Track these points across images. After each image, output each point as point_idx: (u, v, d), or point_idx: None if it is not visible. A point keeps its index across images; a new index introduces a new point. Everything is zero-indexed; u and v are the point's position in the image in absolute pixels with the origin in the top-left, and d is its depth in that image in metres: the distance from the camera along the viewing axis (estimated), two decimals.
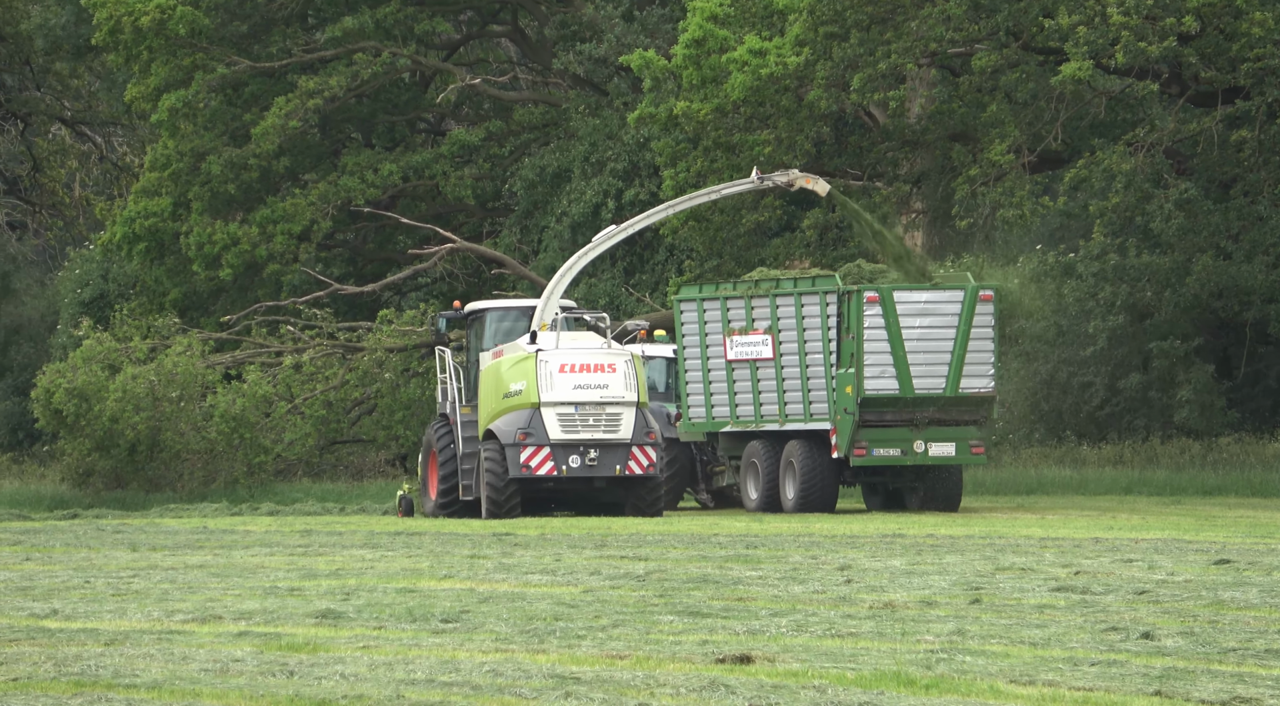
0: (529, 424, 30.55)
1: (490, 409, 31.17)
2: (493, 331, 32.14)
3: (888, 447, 32.00)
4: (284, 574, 20.37)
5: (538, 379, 30.60)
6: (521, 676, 12.82)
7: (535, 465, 30.54)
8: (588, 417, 30.73)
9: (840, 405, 32.02)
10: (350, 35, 48.02)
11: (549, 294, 31.77)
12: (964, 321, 32.22)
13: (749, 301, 33.09)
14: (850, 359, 31.89)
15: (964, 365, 32.15)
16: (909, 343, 31.97)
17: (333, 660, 13.63)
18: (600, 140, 47.17)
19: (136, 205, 48.62)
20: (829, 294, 32.26)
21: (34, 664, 13.73)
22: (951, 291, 32.44)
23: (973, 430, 32.44)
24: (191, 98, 47.18)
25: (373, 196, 48.25)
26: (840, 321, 32.06)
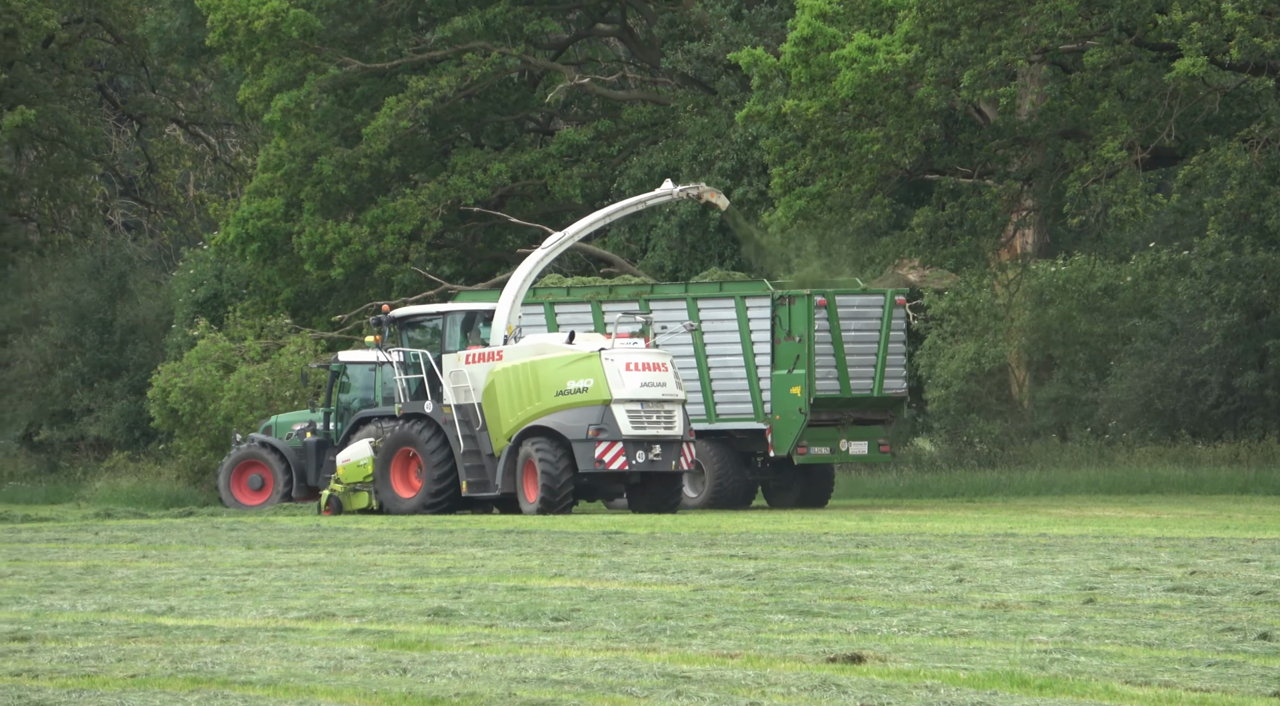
0: (601, 420, 31.42)
1: (532, 407, 31.84)
2: (454, 335, 33.13)
3: (820, 446, 34.06)
4: (396, 572, 20.49)
5: (607, 376, 31.46)
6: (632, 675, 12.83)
7: (609, 460, 31.46)
8: (651, 414, 31.79)
9: (782, 406, 33.49)
10: (460, 35, 48.22)
11: (512, 299, 32.94)
12: (885, 324, 34.22)
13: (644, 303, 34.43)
14: (794, 361, 33.36)
15: (886, 367, 34.22)
16: (846, 345, 33.97)
17: (445, 658, 13.69)
18: (708, 138, 47.14)
19: (249, 205, 49.04)
20: (749, 299, 33.86)
21: (151, 661, 13.87)
22: (874, 296, 34.49)
23: (880, 429, 34.70)
24: (303, 98, 47.52)
25: (482, 196, 48.44)
26: (774, 324, 33.53)
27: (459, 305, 34.07)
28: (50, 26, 56.12)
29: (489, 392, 32.43)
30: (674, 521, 29.33)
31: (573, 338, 32.42)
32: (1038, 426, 43.90)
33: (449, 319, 33.39)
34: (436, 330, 33.62)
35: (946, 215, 41.50)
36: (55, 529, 30.28)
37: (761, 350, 34.04)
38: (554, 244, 34.27)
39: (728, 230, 46.91)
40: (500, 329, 32.89)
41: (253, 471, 37.50)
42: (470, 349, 32.96)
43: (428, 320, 33.89)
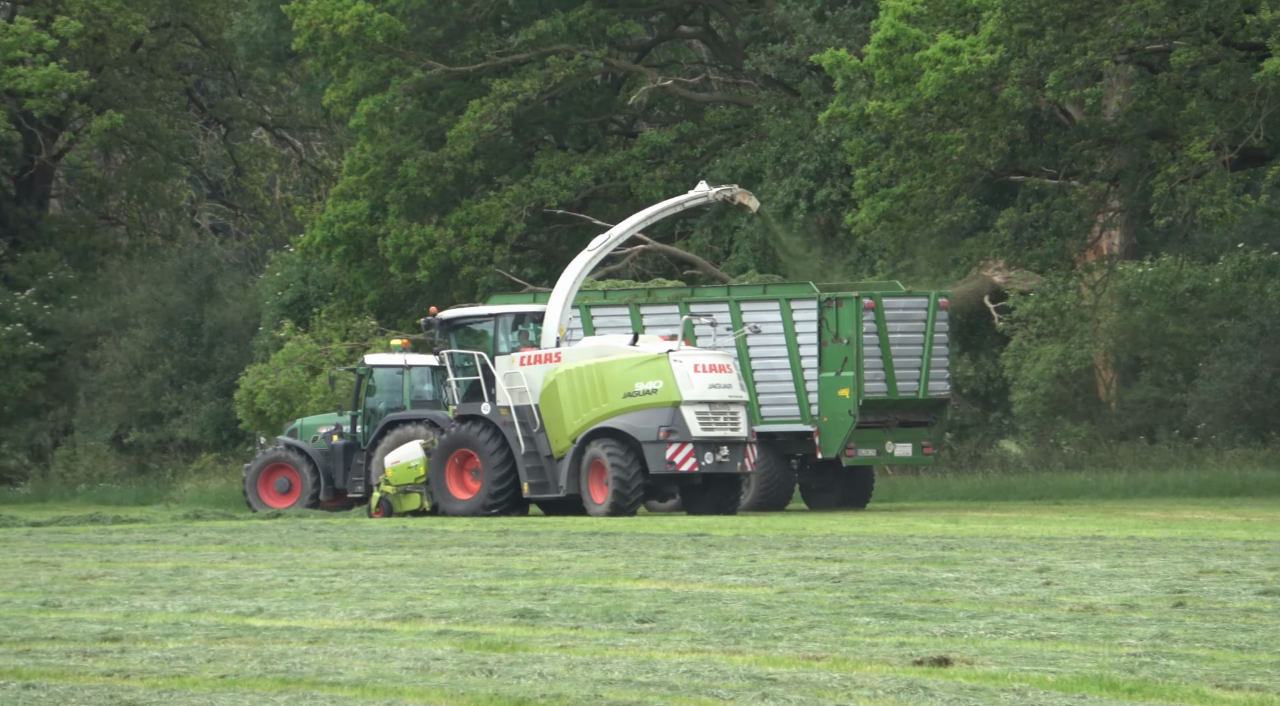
0: (671, 421, 31.59)
1: (598, 409, 31.91)
2: (505, 337, 33.21)
3: (866, 448, 34.22)
4: (482, 573, 20.56)
5: (676, 378, 31.61)
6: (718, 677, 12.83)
7: (679, 461, 31.59)
8: (719, 416, 31.96)
9: (830, 408, 33.66)
10: (543, 38, 48.33)
11: (563, 301, 33.01)
12: (929, 326, 34.37)
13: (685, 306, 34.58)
14: (842, 363, 33.49)
15: (930, 369, 34.36)
16: (892, 347, 34.10)
17: (531, 659, 13.73)
18: (791, 140, 47.08)
19: (335, 208, 49.30)
20: (795, 301, 34.01)
21: (241, 661, 13.97)
22: (918, 298, 34.63)
23: (924, 431, 34.87)
24: (388, 102, 47.75)
25: (565, 198, 48.53)
26: (821, 327, 33.65)
27: (509, 308, 34.11)
28: (139, 31, 56.59)
29: (548, 394, 32.48)
30: (758, 523, 29.30)
31: (636, 339, 32.51)
32: (1125, 428, 43.62)
33: (500, 321, 33.43)
34: (484, 332, 33.69)
35: (1031, 216, 41.28)
36: (145, 530, 30.53)
37: (807, 352, 34.12)
38: (600, 246, 34.31)
39: (811, 231, 46.81)
40: (552, 331, 32.96)
41: (280, 474, 37.60)
42: (524, 350, 32.98)
43: (476, 322, 33.91)
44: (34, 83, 52.19)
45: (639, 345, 32.29)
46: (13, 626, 16.59)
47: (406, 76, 48.00)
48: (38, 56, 52.94)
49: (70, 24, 53.49)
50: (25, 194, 60.18)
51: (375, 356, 38.33)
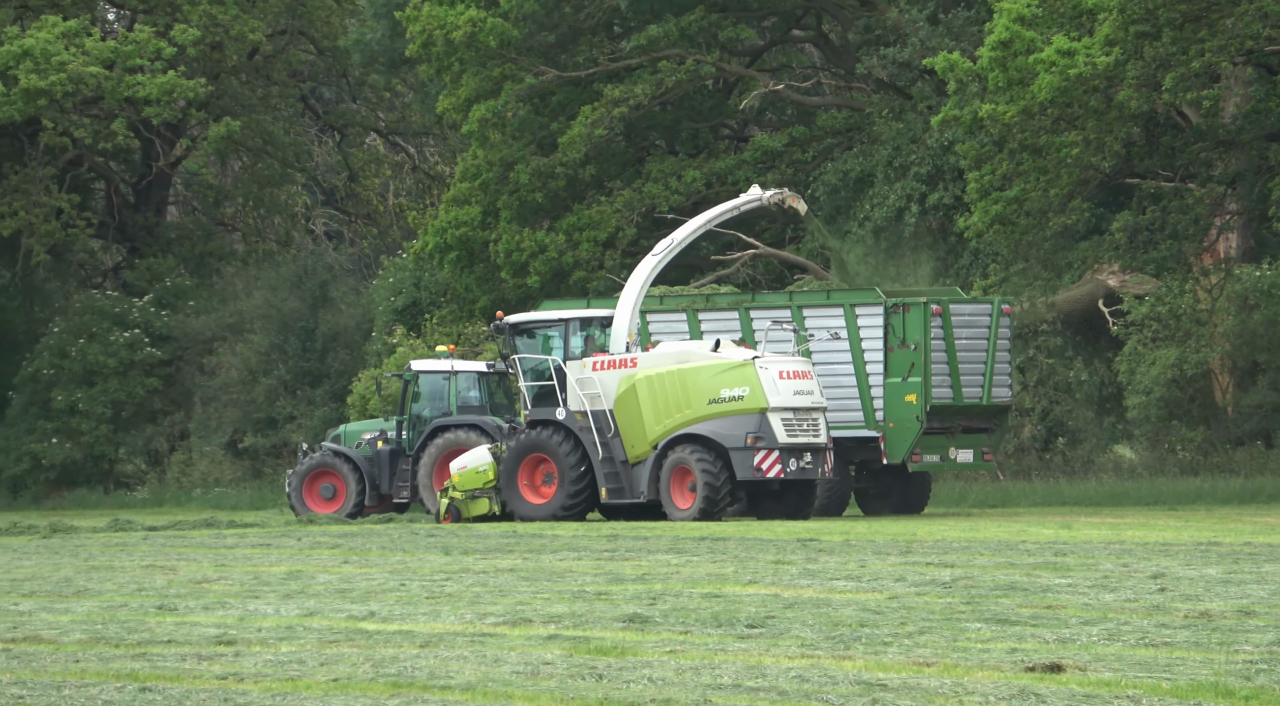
0: (758, 428, 31.74)
1: (681, 415, 31.97)
2: (576, 342, 33.19)
3: (930, 454, 34.32)
4: (591, 578, 20.59)
5: (763, 385, 31.78)
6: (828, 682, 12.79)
7: (766, 467, 31.77)
8: (802, 422, 32.20)
9: (896, 414, 33.76)
10: (655, 43, 48.37)
11: (632, 306, 33.18)
12: (993, 333, 34.46)
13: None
14: (909, 369, 33.63)
15: (994, 375, 34.45)
16: (958, 353, 34.18)
17: (640, 664, 13.74)
18: (904, 144, 46.89)
19: (447, 214, 49.55)
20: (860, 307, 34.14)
21: (353, 665, 14.07)
22: (983, 304, 34.71)
23: (984, 437, 34.90)
24: (500, 108, 47.94)
25: (676, 203, 48.55)
26: (887, 332, 33.73)
27: (578, 312, 34.13)
28: (255, 39, 57.11)
29: (624, 399, 32.50)
30: (869, 528, 29.19)
31: (718, 346, 32.62)
32: (1242, 433, 43.13)
33: (569, 326, 33.43)
34: (551, 337, 33.70)
35: (1147, 219, 40.90)
36: (259, 534, 30.79)
37: (871, 358, 34.14)
38: (664, 250, 34.35)
39: (923, 235, 46.60)
40: (621, 336, 33.05)
41: (324, 480, 37.64)
42: (596, 356, 33.00)
43: (543, 327, 33.92)
44: (152, 91, 52.78)
45: (721, 351, 32.40)
46: (129, 629, 16.77)
47: (519, 82, 48.17)
48: (156, 64, 53.53)
49: (189, 32, 54.05)
50: (143, 201, 60.87)
51: (421, 362, 38.49)
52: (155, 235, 60.12)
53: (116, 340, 55.52)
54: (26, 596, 20.24)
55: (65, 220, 55.03)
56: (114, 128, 53.85)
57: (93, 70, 52.31)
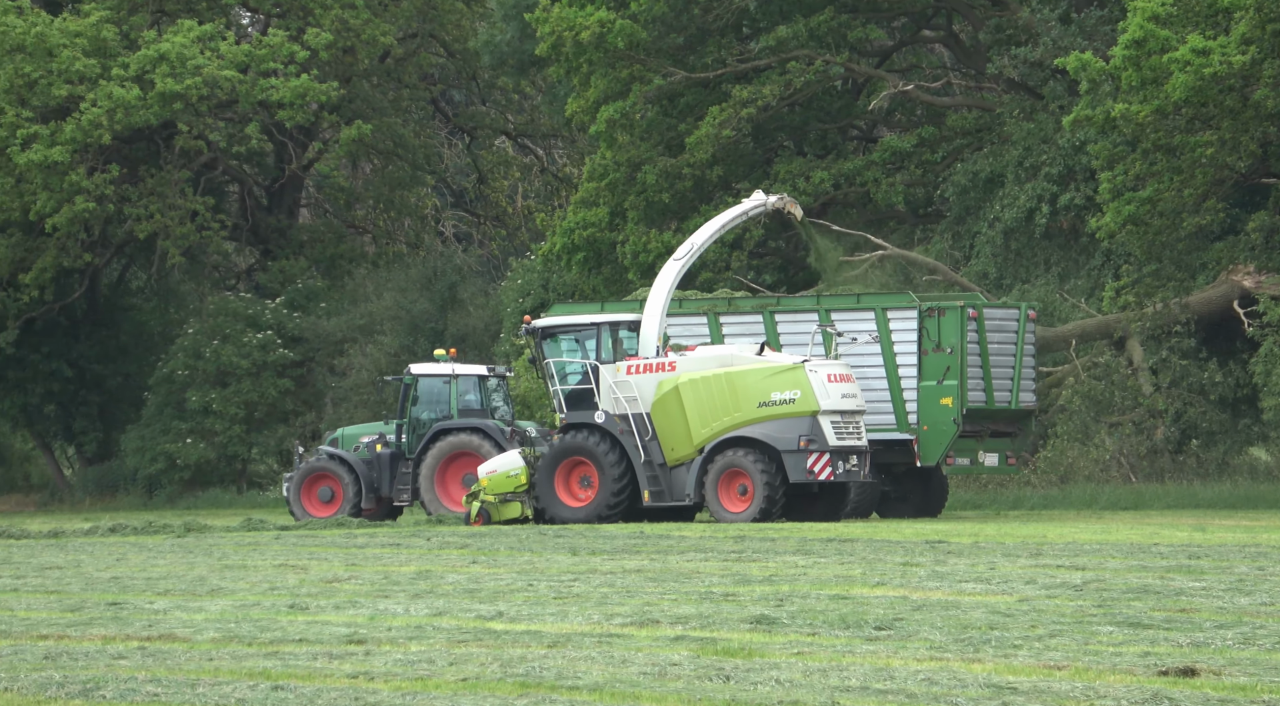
0: (810, 430, 32.14)
1: (730, 418, 32.24)
2: (607, 345, 33.34)
3: (961, 457, 34.77)
4: (718, 579, 20.58)
5: (814, 388, 32.18)
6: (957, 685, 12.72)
7: (818, 470, 32.16)
8: (849, 425, 32.62)
9: (931, 417, 34.01)
10: (784, 44, 48.29)
11: (661, 309, 33.39)
12: (1020, 337, 34.83)
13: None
14: (944, 372, 33.95)
15: (1021, 379, 34.86)
16: (990, 358, 34.56)
17: (767, 665, 13.72)
18: (1035, 144, 46.54)
19: (575, 215, 49.71)
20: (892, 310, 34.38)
21: (481, 664, 14.13)
22: (1010, 309, 35.12)
23: (1008, 441, 35.29)
24: (628, 109, 48.03)
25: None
26: (921, 336, 34.02)
27: (608, 316, 34.26)
28: (386, 42, 57.54)
29: (664, 402, 32.68)
30: (998, 530, 29.00)
31: (763, 349, 32.97)
32: None
33: (602, 329, 33.59)
34: (578, 340, 33.90)
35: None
36: (389, 534, 31.01)
37: (904, 361, 34.32)
38: (686, 254, 34.62)
39: (1054, 236, 46.23)
40: (652, 340, 33.25)
41: (322, 484, 37.86)
42: (630, 359, 33.20)
43: (572, 331, 34.08)
44: (285, 94, 53.31)
45: (765, 355, 32.71)
46: (261, 628, 16.94)
47: (647, 83, 48.23)
48: (289, 68, 54.06)
49: (321, 36, 54.55)
50: (276, 203, 61.48)
51: (421, 366, 38.70)
52: (287, 237, 60.71)
53: (249, 341, 56.11)
54: (161, 595, 20.50)
55: (200, 223, 55.68)
56: (248, 131, 54.43)
57: (227, 74, 52.90)
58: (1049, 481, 40.58)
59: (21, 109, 52.08)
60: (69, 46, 52.40)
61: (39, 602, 20.00)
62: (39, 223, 53.47)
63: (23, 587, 21.88)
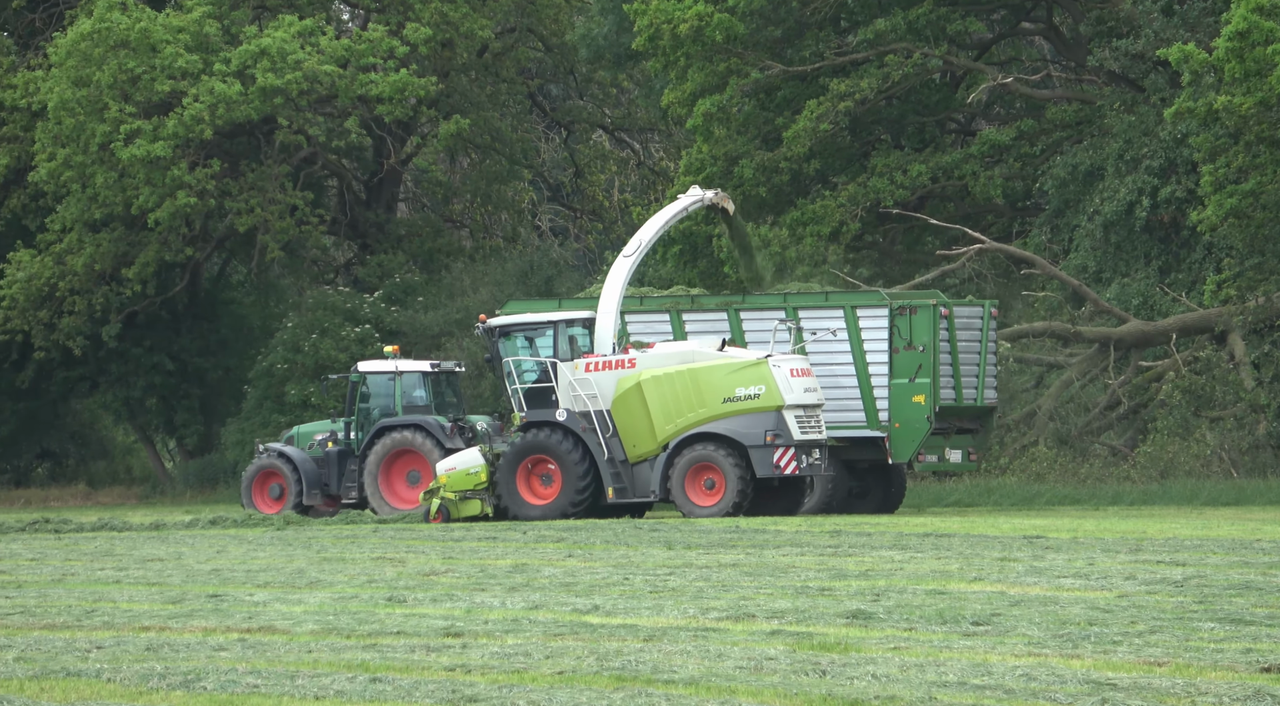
0: (776, 425, 32.56)
1: (694, 414, 32.60)
2: (564, 344, 33.65)
3: (930, 454, 34.96)
4: (814, 573, 20.55)
5: (778, 383, 32.62)
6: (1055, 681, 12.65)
7: (784, 465, 32.58)
8: (810, 419, 33.08)
9: (903, 414, 34.25)
10: (882, 37, 48.12)
11: (615, 307, 33.75)
12: (984, 335, 35.15)
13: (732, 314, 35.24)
14: (916, 370, 34.21)
15: (985, 377, 35.20)
16: (960, 355, 34.87)
17: (864, 660, 13.69)
18: (1135, 137, 46.18)
19: None
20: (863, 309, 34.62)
21: (577, 658, 14.17)
22: (975, 307, 35.37)
23: (969, 438, 35.61)
24: (725, 102, 47.99)
25: (901, 197, 48.27)
26: (893, 334, 34.30)
27: (564, 314, 34.55)
28: (484, 37, 57.71)
29: (625, 399, 33.07)
30: (1096, 526, 28.81)
31: (725, 345, 33.24)
32: None
33: (558, 327, 33.90)
34: (532, 339, 34.23)
35: None
36: (485, 528, 31.14)
37: (875, 359, 34.59)
38: (634, 250, 35.03)
39: (1154, 229, 45.86)
40: (607, 337, 33.64)
41: (272, 481, 38.28)
42: (588, 357, 33.51)
43: (526, 329, 34.40)
44: (384, 88, 53.57)
45: (728, 351, 33.05)
46: (360, 621, 17.05)
47: (744, 77, 48.17)
48: (388, 63, 54.33)
49: (420, 30, 54.78)
50: (374, 198, 61.79)
51: (368, 363, 38.93)
52: (385, 232, 61.02)
53: (348, 335, 56.42)
54: (261, 587, 20.66)
55: (299, 217, 56.03)
56: (347, 125, 54.75)
57: (327, 69, 53.22)
58: (1149, 476, 40.27)
59: (125, 104, 52.59)
60: (172, 42, 52.85)
61: (141, 594, 20.20)
62: (141, 217, 53.97)
63: (125, 579, 22.11)
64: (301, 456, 38.10)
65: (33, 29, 58.87)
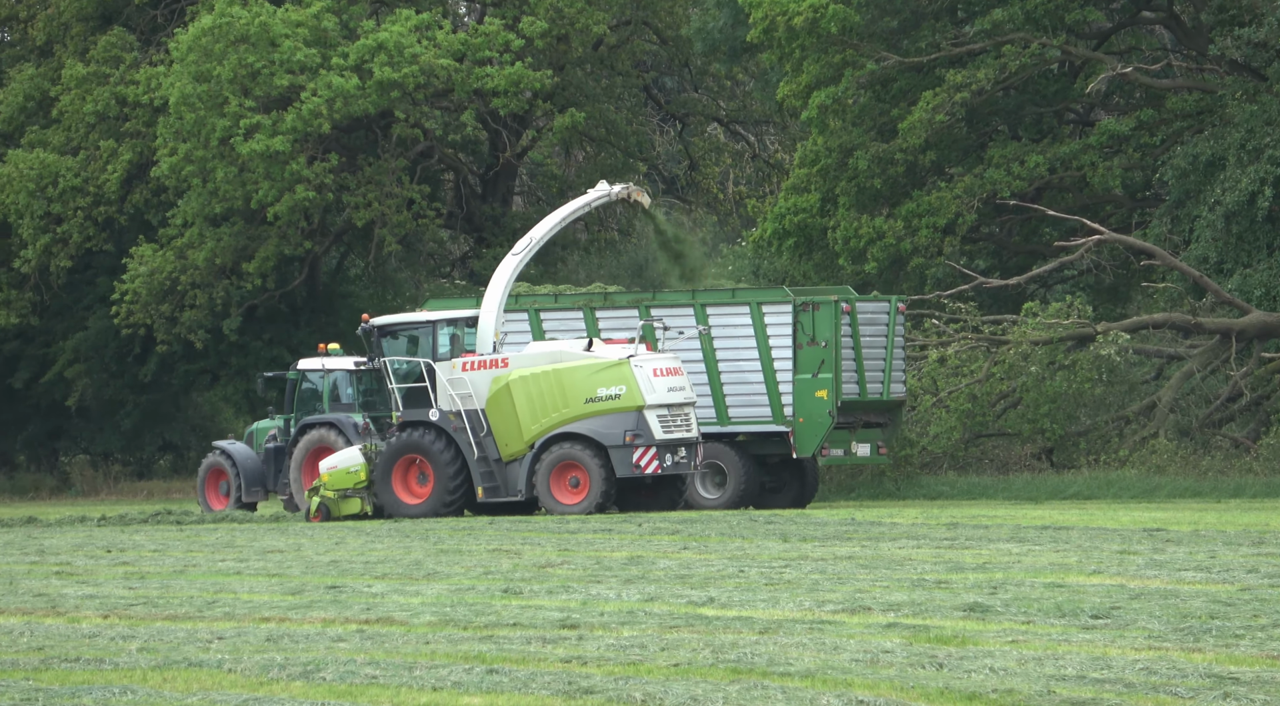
0: (636, 425, 32.78)
1: (558, 414, 32.89)
2: (444, 343, 33.84)
3: (835, 447, 35.53)
4: (931, 566, 20.46)
5: (639, 383, 32.83)
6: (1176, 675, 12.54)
7: (645, 464, 32.77)
8: (676, 418, 33.20)
9: (806, 409, 34.67)
10: (999, 27, 47.81)
11: (497, 306, 34.05)
12: (890, 330, 35.53)
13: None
14: (819, 365, 34.63)
15: (891, 371, 35.57)
16: (863, 350, 35.30)
17: (981, 653, 13.62)
18: (1258, 126, 45.64)
19: (786, 201, 49.62)
20: (768, 305, 35.02)
21: (693, 650, 14.18)
22: (880, 303, 35.79)
23: (879, 432, 36.15)
24: (840, 94, 47.85)
25: (1018, 189, 47.92)
26: (796, 330, 34.71)
27: (443, 313, 34.80)
28: (600, 30, 57.82)
29: (497, 399, 33.36)
30: (1218, 519, 28.51)
31: (591, 345, 33.48)
32: None
33: (438, 327, 34.12)
34: (416, 338, 34.47)
35: None
36: (601, 520, 31.21)
37: (780, 355, 34.98)
38: (524, 248, 35.30)
39: (1276, 219, 45.31)
40: (488, 336, 33.91)
41: (222, 478, 39.00)
42: (466, 356, 33.77)
43: (408, 329, 34.66)
44: (500, 82, 53.78)
45: (594, 350, 33.28)
46: (476, 612, 17.14)
47: (860, 68, 48.00)
48: (504, 56, 54.53)
49: (536, 24, 54.95)
50: (490, 191, 62.05)
51: (306, 361, 39.33)
52: (501, 225, 61.27)
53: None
54: (379, 579, 20.81)
55: (416, 211, 56.36)
56: (463, 119, 55.00)
57: (443, 63, 53.49)
58: (1272, 469, 39.83)
59: (244, 99, 53.08)
60: (290, 37, 53.29)
61: (261, 586, 20.40)
62: (261, 212, 54.47)
63: (245, 571, 22.33)
64: (244, 454, 38.92)
65: (154, 25, 59.52)
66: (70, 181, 56.50)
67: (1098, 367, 41.70)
